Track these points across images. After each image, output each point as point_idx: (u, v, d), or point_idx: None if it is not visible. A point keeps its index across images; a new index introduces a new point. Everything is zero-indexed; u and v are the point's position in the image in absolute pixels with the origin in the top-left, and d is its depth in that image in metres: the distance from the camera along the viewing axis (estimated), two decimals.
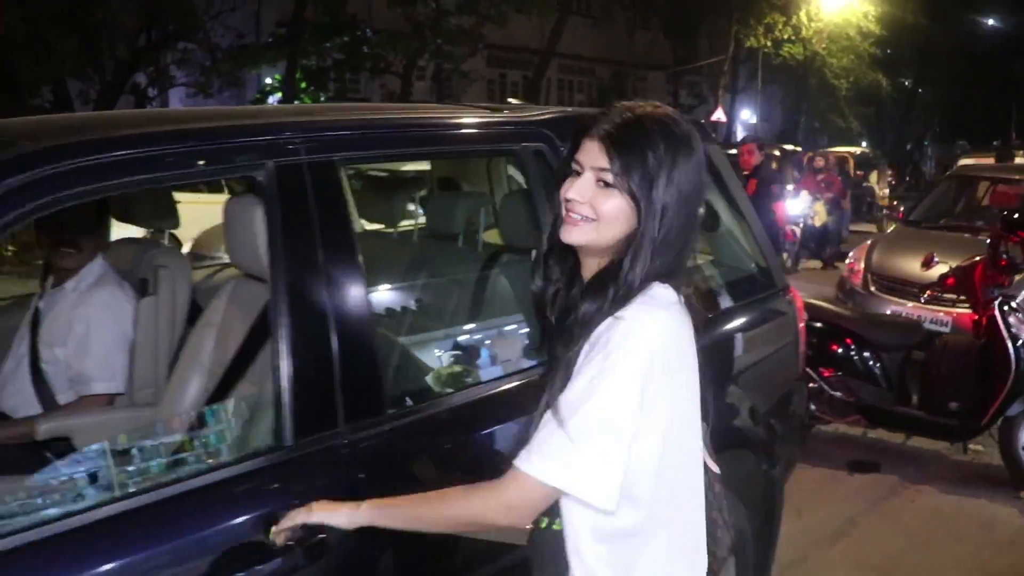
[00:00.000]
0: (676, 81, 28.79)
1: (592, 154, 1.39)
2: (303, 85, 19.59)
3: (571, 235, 1.41)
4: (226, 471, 1.72)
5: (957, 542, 4.07)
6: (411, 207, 3.58)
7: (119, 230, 2.99)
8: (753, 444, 2.85)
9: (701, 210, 1.44)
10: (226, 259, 3.01)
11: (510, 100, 3.14)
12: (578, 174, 1.41)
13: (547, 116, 2.50)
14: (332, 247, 1.81)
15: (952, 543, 4.06)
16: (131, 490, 1.71)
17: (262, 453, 1.75)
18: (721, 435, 2.66)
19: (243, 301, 2.28)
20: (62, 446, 2.58)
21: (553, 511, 1.43)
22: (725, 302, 2.84)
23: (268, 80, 20.19)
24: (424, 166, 3.92)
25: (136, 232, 3.30)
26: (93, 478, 1.80)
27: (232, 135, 1.85)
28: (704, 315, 1.51)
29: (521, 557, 1.62)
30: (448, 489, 1.43)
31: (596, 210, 1.39)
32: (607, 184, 1.38)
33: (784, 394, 3.07)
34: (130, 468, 1.87)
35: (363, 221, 3.53)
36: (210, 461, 1.84)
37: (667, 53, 27.90)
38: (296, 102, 19.04)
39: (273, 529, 1.55)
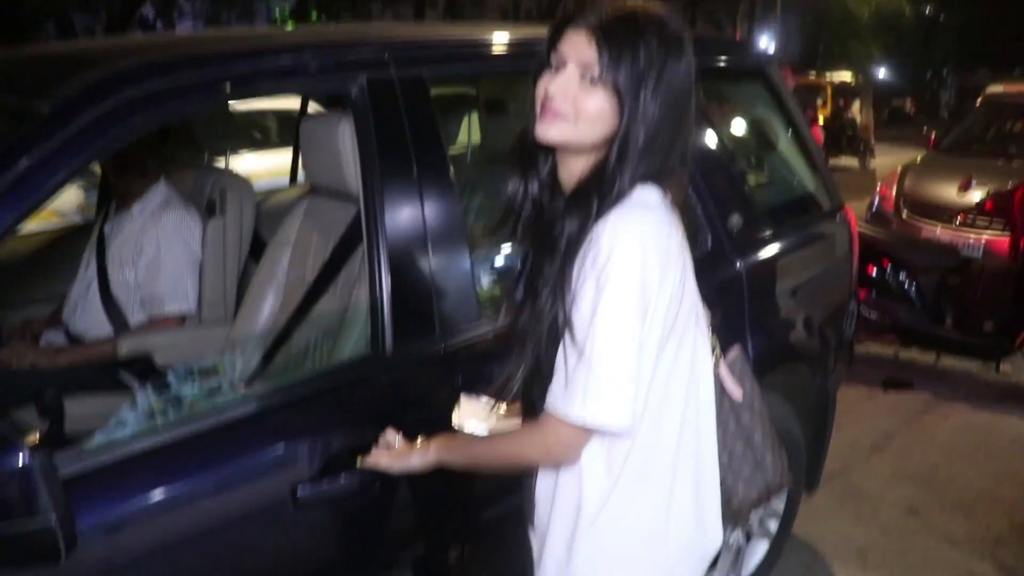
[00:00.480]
0: (694, 8, 28.21)
1: (578, 47, 1.28)
2: (314, 15, 19.30)
3: (548, 132, 1.30)
4: (329, 379, 1.80)
5: (990, 456, 4.18)
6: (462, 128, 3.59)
7: None
8: (808, 357, 2.92)
9: (691, 111, 1.33)
10: None
11: None
12: (558, 68, 1.30)
13: None
14: (425, 163, 1.84)
15: (985, 457, 4.17)
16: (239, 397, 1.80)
17: (362, 361, 1.82)
18: (777, 349, 2.76)
19: (320, 218, 2.33)
20: (139, 365, 2.67)
21: None
22: (780, 220, 2.88)
23: (277, 10, 19.87)
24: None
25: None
26: (205, 391, 1.88)
27: (325, 48, 1.88)
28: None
29: None
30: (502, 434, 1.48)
31: (577, 107, 1.28)
32: (592, 80, 1.27)
33: (837, 310, 3.13)
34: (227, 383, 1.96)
35: None
36: (307, 371, 1.91)
37: None
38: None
39: (359, 461, 1.60)
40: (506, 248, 2.10)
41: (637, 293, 1.24)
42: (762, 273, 2.72)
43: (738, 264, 2.59)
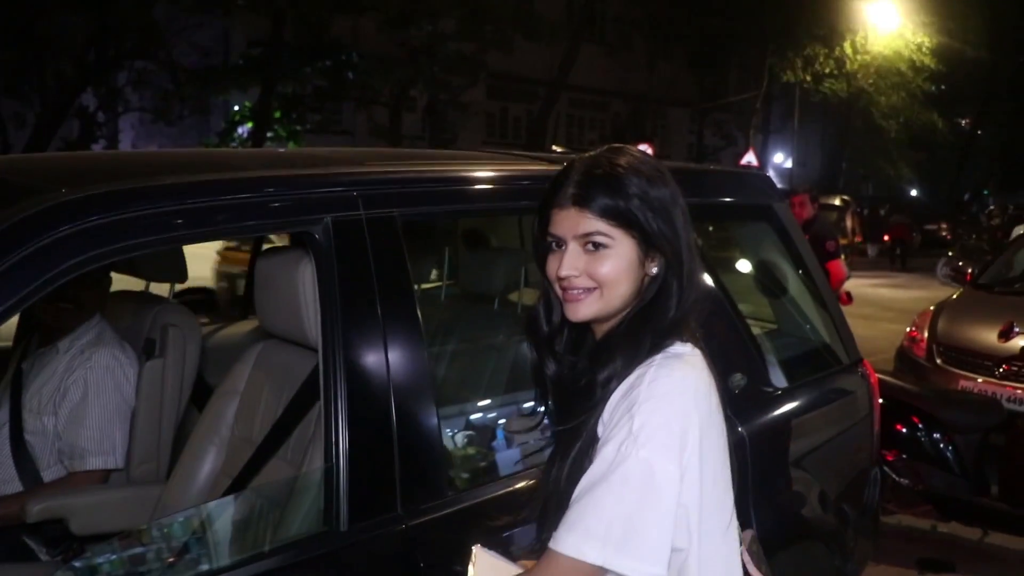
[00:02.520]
0: (701, 119, 29.29)
1: (570, 222, 1.49)
2: (277, 114, 19.84)
3: (579, 312, 1.51)
4: (271, 560, 1.82)
5: None
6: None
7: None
8: (823, 535, 2.95)
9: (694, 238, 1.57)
10: None
11: (555, 148, 3.29)
12: (559, 246, 1.52)
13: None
14: (392, 312, 1.93)
15: None
16: None
17: (310, 539, 1.85)
18: (788, 525, 2.80)
19: (274, 367, 2.40)
20: (49, 530, 2.66)
21: None
22: (791, 377, 2.97)
23: (236, 107, 20.42)
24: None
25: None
26: (127, 567, 1.88)
27: (286, 187, 1.99)
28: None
29: None
30: None
31: (595, 278, 1.49)
32: (596, 246, 1.48)
33: (856, 479, 3.18)
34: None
35: None
36: (251, 551, 1.93)
37: (692, 87, 28.41)
38: (269, 133, 19.28)
39: None
40: (476, 411, 2.17)
41: (677, 442, 1.41)
42: (769, 438, 2.79)
43: (739, 428, 2.65)
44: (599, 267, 1.48)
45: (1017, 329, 5.74)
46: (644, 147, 5.85)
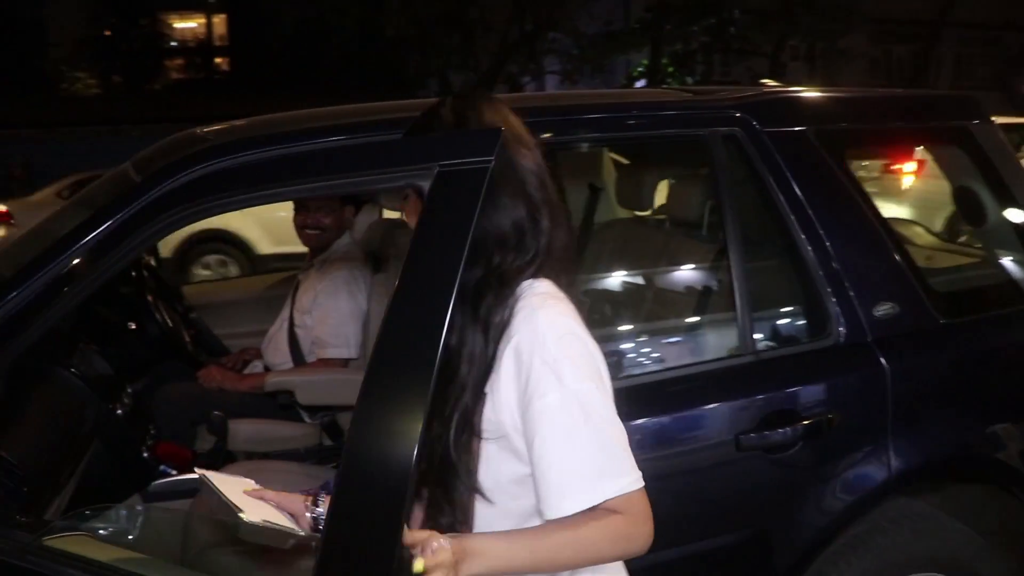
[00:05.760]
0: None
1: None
2: (670, 70, 19.95)
3: None
4: None
5: None
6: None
7: None
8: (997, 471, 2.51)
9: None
10: None
11: (763, 81, 3.06)
12: None
13: (742, 97, 2.44)
14: None
15: None
16: None
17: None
18: (937, 465, 2.41)
19: None
20: (283, 399, 3.08)
21: None
22: (968, 310, 2.54)
23: (637, 67, 20.91)
24: None
25: None
26: None
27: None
28: None
29: None
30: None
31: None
32: None
33: None
34: None
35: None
36: None
37: None
38: (664, 86, 19.41)
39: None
40: None
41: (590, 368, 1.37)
42: (922, 373, 2.41)
43: (883, 361, 2.32)
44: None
45: None
46: None
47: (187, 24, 32.22)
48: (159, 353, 3.29)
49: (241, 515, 1.43)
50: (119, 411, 2.69)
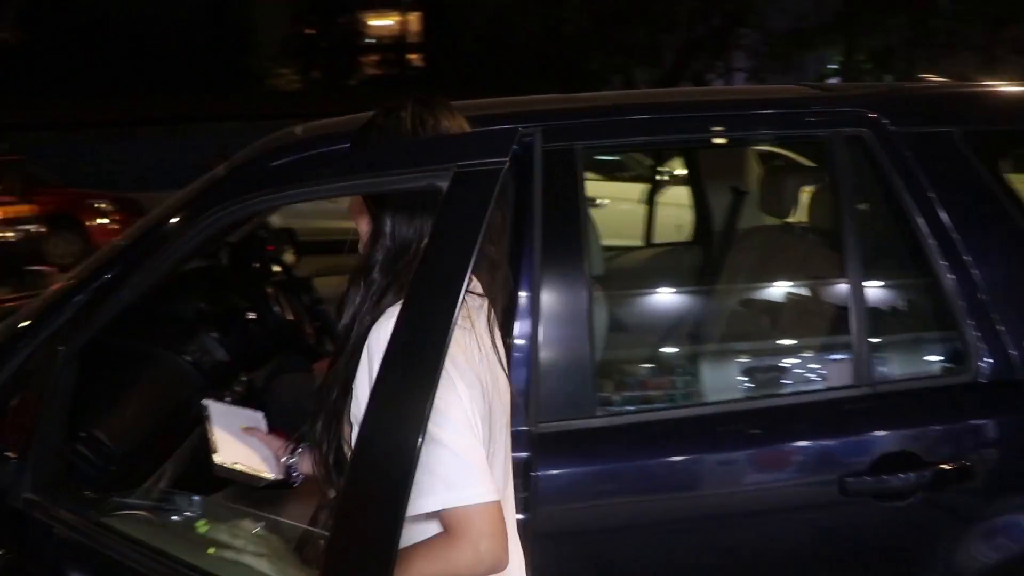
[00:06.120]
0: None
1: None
2: (867, 66, 18.84)
3: None
4: None
5: None
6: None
7: None
8: None
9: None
10: None
11: (924, 76, 2.74)
12: None
13: (874, 93, 2.17)
14: None
15: None
16: None
17: None
18: None
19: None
20: None
21: None
22: None
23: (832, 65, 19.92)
24: None
25: None
26: None
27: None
28: None
29: None
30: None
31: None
32: None
33: None
34: None
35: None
36: None
37: None
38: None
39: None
40: None
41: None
42: None
43: None
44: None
45: None
46: None
47: (383, 22, 33.61)
48: (278, 344, 3.34)
49: (214, 456, 1.59)
50: (228, 399, 2.73)
